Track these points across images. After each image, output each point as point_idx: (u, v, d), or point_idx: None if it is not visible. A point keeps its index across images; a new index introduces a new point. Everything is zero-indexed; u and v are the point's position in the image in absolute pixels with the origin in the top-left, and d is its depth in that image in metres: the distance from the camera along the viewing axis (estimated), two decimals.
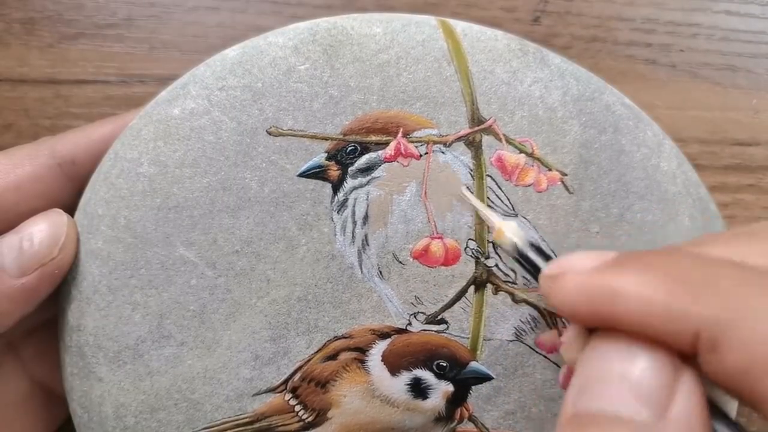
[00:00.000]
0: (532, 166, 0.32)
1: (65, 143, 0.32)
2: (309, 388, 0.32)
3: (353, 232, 0.32)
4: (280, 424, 0.32)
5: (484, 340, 0.32)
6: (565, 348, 0.25)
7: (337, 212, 0.32)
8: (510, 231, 0.30)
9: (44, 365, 0.35)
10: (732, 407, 0.31)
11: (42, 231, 0.30)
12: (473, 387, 0.32)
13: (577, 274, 0.23)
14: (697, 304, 0.19)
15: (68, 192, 0.32)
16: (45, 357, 0.35)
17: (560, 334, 0.32)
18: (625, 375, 0.21)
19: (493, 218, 0.31)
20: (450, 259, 0.32)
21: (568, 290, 0.23)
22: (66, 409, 0.34)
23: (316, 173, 0.32)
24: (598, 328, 0.22)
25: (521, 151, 0.32)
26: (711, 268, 0.20)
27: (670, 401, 0.20)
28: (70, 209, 0.32)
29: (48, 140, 0.33)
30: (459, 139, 0.32)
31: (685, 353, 0.20)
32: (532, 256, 0.29)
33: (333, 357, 0.32)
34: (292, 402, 0.32)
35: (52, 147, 0.32)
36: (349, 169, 0.32)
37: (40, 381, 0.35)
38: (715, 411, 0.22)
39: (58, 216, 0.31)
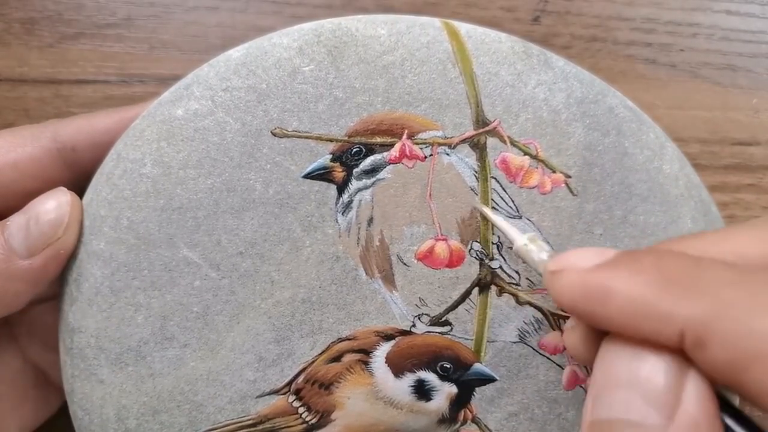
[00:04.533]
0: (537, 168, 0.32)
1: (68, 129, 0.32)
2: (313, 390, 0.32)
3: (358, 233, 0.32)
4: (283, 426, 0.32)
5: (488, 341, 0.32)
6: (568, 335, 0.26)
7: (342, 214, 0.32)
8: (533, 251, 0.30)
9: (36, 345, 0.35)
10: (737, 400, 0.31)
11: (48, 212, 0.30)
12: (477, 388, 0.33)
13: (575, 271, 0.24)
14: (682, 304, 0.20)
15: (65, 178, 0.32)
16: (37, 336, 0.35)
17: None
18: (633, 381, 0.21)
19: (514, 233, 0.31)
20: (454, 260, 0.32)
21: (566, 286, 0.24)
22: (60, 399, 0.34)
23: (321, 174, 0.32)
24: (606, 332, 0.23)
25: (526, 153, 0.32)
26: (697, 268, 0.21)
27: (678, 402, 0.21)
28: None
29: (53, 123, 0.33)
30: (464, 140, 0.32)
31: (673, 350, 0.21)
32: None
33: (337, 359, 0.32)
34: (296, 404, 0.32)
35: (55, 131, 0.32)
36: (354, 170, 0.32)
37: (33, 362, 0.35)
38: (725, 406, 0.22)
39: (63, 195, 0.31)
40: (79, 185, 0.32)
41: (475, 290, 0.32)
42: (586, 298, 0.23)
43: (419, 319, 0.32)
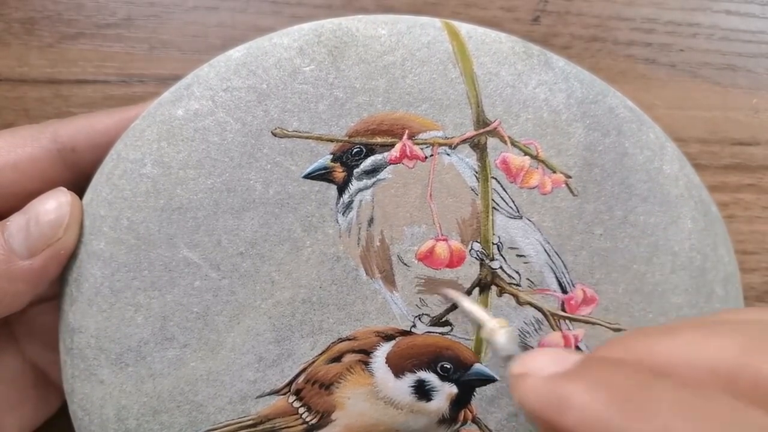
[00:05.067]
0: (537, 168, 0.32)
1: (68, 129, 0.32)
2: (313, 390, 0.32)
3: (358, 233, 0.32)
4: (283, 426, 0.32)
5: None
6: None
7: (342, 214, 0.32)
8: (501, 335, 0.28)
9: (36, 345, 0.35)
10: None
11: (48, 212, 0.30)
12: (477, 389, 0.33)
13: (536, 377, 0.23)
14: (632, 425, 0.20)
15: (65, 179, 0.32)
16: (37, 336, 0.35)
17: (564, 337, 0.32)
18: None
19: (484, 317, 0.29)
20: (455, 261, 0.32)
21: (527, 392, 0.23)
22: (60, 399, 0.34)
23: (322, 175, 0.32)
24: None
25: (526, 154, 0.32)
26: (650, 387, 0.21)
27: None
28: None
29: (53, 123, 0.33)
30: (464, 141, 0.32)
31: None
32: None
33: (337, 359, 0.32)
34: (296, 404, 0.32)
35: (55, 131, 0.32)
36: (355, 170, 0.32)
37: (33, 362, 0.35)
38: None
39: (63, 195, 0.31)
40: (79, 186, 0.32)
41: (476, 290, 0.32)
42: (545, 406, 0.23)
43: (419, 319, 0.32)
